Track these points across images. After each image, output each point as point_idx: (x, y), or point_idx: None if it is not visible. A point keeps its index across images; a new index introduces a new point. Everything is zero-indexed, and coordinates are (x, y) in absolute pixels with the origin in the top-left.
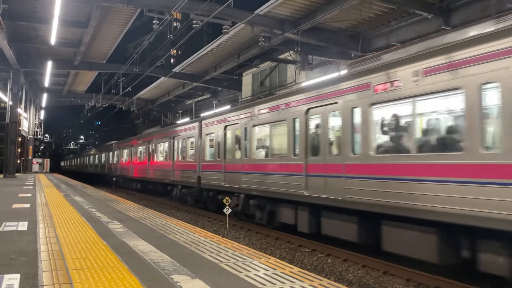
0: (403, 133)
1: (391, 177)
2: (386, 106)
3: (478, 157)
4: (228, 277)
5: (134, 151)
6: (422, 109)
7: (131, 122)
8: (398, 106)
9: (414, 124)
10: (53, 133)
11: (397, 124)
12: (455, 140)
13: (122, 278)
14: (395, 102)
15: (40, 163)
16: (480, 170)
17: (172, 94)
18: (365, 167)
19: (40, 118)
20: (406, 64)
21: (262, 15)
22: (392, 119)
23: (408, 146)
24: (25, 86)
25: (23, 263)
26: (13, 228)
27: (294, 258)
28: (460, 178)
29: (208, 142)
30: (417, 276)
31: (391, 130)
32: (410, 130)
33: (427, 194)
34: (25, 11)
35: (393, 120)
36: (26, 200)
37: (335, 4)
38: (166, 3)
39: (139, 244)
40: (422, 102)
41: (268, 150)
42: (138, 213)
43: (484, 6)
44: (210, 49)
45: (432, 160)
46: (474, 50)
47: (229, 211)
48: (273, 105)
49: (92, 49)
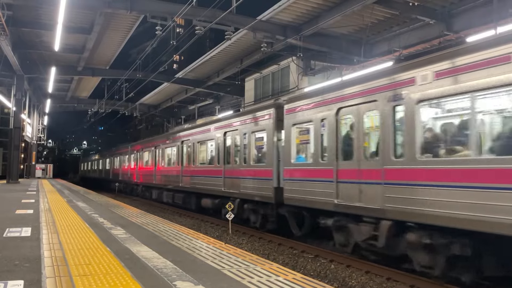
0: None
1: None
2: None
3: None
4: (231, 284)
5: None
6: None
7: (134, 127)
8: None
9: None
10: (56, 138)
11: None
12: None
13: (125, 284)
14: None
15: (43, 169)
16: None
17: (174, 99)
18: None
19: (43, 124)
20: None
21: (265, 21)
22: (446, 117)
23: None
24: (29, 92)
25: (26, 269)
26: (17, 234)
27: (297, 264)
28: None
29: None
30: (420, 282)
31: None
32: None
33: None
34: (29, 17)
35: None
36: (30, 206)
37: (338, 10)
38: (169, 9)
39: (142, 250)
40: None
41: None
42: (141, 218)
43: (486, 12)
44: (213, 55)
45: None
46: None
47: (231, 217)
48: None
49: (95, 55)
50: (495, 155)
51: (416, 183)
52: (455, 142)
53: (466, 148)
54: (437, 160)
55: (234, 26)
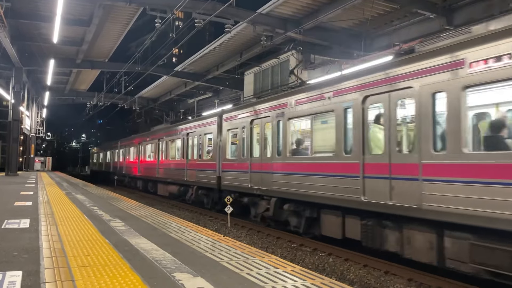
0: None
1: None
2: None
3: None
4: (230, 275)
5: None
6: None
7: (133, 120)
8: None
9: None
10: (55, 131)
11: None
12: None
13: (124, 275)
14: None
15: (42, 161)
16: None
17: (174, 93)
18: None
19: (42, 117)
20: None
21: (265, 14)
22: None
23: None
24: (28, 84)
25: (25, 260)
26: (15, 225)
27: (296, 257)
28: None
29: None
30: (418, 276)
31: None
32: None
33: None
34: (28, 9)
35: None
36: (28, 198)
37: (338, 3)
38: (168, 2)
39: (141, 242)
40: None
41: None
42: (140, 211)
43: (487, 6)
44: (212, 48)
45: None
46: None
47: (230, 210)
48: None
49: (94, 48)
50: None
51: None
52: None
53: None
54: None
55: (234, 19)
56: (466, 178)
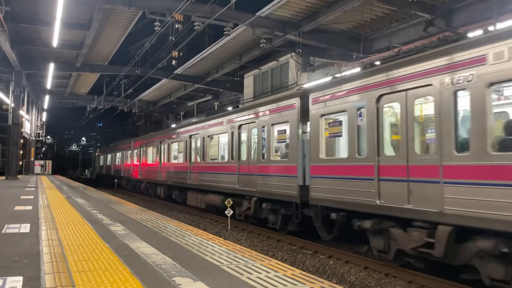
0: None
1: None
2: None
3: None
4: (230, 280)
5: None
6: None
7: (132, 124)
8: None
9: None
10: (55, 134)
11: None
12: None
13: (125, 280)
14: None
15: (42, 165)
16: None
17: (173, 96)
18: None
19: (42, 120)
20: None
21: (264, 17)
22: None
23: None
24: (27, 88)
25: (25, 265)
26: (16, 230)
27: (296, 260)
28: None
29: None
30: (419, 278)
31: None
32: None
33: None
34: (28, 13)
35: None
36: (29, 202)
37: (337, 5)
38: (167, 5)
39: (141, 246)
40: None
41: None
42: (140, 215)
43: (486, 8)
44: (212, 51)
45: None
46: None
47: (230, 213)
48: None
49: (94, 51)
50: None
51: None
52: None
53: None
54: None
55: (233, 22)
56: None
